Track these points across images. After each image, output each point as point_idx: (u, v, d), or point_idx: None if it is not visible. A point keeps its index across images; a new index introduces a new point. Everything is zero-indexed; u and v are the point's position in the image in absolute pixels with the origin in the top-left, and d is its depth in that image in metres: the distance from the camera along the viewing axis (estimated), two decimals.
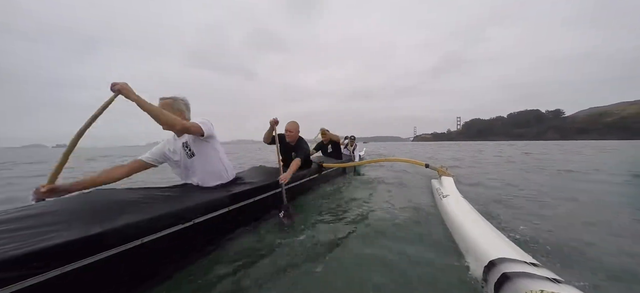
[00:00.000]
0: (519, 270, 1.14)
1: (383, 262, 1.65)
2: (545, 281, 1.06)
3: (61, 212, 1.18)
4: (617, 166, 7.14)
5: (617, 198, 3.43)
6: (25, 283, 0.88)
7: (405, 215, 2.58)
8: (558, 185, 4.32)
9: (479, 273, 1.36)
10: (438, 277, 1.49)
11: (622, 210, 2.85)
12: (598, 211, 2.83)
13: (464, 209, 2.21)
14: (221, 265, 1.56)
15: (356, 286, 1.40)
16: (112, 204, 1.31)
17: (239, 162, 10.12)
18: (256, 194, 2.16)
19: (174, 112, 1.76)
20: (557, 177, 5.30)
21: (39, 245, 0.94)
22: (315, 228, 2.20)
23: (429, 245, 1.89)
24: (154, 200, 1.48)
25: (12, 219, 1.10)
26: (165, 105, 1.75)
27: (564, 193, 3.64)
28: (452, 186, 3.07)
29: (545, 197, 3.40)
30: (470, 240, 1.64)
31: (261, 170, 2.85)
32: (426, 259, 1.69)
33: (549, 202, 3.18)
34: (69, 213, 1.17)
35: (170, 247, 1.46)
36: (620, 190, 3.96)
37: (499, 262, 1.25)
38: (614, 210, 2.84)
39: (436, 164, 4.04)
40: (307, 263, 1.62)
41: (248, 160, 11.40)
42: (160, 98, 1.80)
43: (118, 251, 1.16)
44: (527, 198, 3.35)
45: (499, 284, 1.15)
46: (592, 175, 5.43)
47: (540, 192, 3.72)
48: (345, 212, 2.74)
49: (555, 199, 3.31)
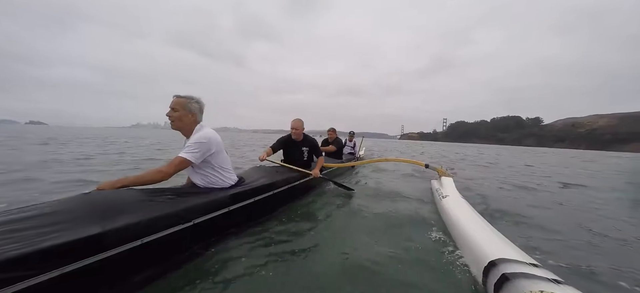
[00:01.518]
0: (518, 270, 1.14)
1: (383, 261, 1.65)
2: (545, 281, 1.06)
3: (61, 212, 1.18)
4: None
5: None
6: (25, 283, 0.88)
7: (405, 215, 2.59)
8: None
9: (479, 273, 1.36)
10: (438, 276, 1.49)
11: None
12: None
13: (464, 209, 2.22)
14: (221, 265, 1.56)
15: (356, 285, 1.40)
16: (112, 204, 1.31)
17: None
18: (256, 194, 2.16)
19: (186, 113, 1.75)
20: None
21: (39, 245, 0.94)
22: (316, 229, 2.19)
23: (428, 245, 1.89)
24: (154, 200, 1.48)
25: (12, 219, 1.10)
26: (178, 104, 1.73)
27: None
28: (451, 186, 3.07)
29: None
30: (470, 241, 1.64)
31: (261, 170, 2.85)
32: (426, 259, 1.69)
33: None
34: (69, 213, 1.17)
35: (170, 247, 1.46)
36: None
37: (498, 263, 1.25)
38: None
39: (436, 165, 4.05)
40: (308, 263, 1.62)
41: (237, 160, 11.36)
42: (175, 95, 1.76)
43: (118, 251, 1.16)
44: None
45: (499, 284, 1.15)
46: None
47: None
48: (345, 212, 2.74)
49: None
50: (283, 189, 2.56)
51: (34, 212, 1.17)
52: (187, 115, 1.76)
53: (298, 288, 1.39)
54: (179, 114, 1.74)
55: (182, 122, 1.76)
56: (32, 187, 3.33)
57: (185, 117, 1.76)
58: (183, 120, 1.76)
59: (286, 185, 2.62)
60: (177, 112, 1.73)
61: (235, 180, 2.04)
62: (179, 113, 1.74)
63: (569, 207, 3.11)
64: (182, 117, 1.75)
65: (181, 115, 1.74)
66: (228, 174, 1.97)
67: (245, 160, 7.56)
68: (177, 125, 1.76)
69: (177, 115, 1.74)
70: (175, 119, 1.74)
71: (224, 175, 1.93)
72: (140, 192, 1.52)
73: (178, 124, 1.76)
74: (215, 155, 1.85)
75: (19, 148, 8.34)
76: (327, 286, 1.40)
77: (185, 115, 1.76)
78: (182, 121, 1.76)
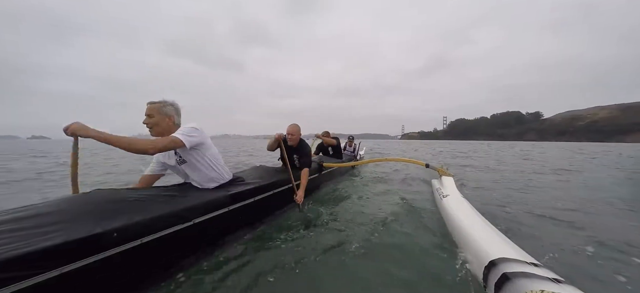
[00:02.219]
0: (519, 270, 1.14)
1: (383, 261, 1.65)
2: (545, 281, 1.05)
3: (61, 212, 1.18)
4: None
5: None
6: (25, 283, 0.88)
7: (405, 215, 2.58)
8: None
9: (479, 273, 1.36)
10: (438, 276, 1.49)
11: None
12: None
13: (464, 209, 2.21)
14: (221, 265, 1.56)
15: (357, 286, 1.40)
16: (112, 204, 1.31)
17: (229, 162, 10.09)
18: (256, 194, 2.16)
19: (162, 117, 1.70)
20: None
21: (39, 245, 0.94)
22: (316, 229, 2.20)
23: (429, 245, 1.89)
24: (154, 200, 1.47)
25: (12, 219, 1.10)
26: (152, 110, 1.68)
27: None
28: (452, 186, 3.07)
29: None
30: (470, 240, 1.63)
31: (261, 170, 2.84)
32: (427, 259, 1.69)
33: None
34: (69, 213, 1.17)
35: (170, 247, 1.46)
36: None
37: (499, 262, 1.24)
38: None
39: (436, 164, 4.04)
40: (308, 263, 1.62)
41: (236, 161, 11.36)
42: (148, 102, 1.71)
43: (118, 251, 1.16)
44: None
45: (500, 284, 1.15)
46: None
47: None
48: (345, 211, 2.74)
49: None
50: (283, 189, 2.56)
51: (34, 212, 1.17)
52: (164, 119, 1.70)
53: (298, 288, 1.39)
54: (155, 120, 1.68)
55: (160, 127, 1.70)
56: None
57: (162, 122, 1.70)
58: (161, 125, 1.70)
59: (286, 185, 2.62)
60: (153, 117, 1.68)
61: (231, 176, 2.06)
62: (155, 118, 1.68)
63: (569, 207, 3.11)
64: (159, 122, 1.69)
65: (158, 120, 1.69)
66: (222, 169, 1.98)
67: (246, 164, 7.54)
68: (157, 131, 1.70)
69: (153, 121, 1.68)
70: (152, 125, 1.68)
71: (219, 170, 1.93)
72: (140, 192, 1.52)
73: (157, 130, 1.70)
74: (209, 148, 1.83)
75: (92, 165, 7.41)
76: (327, 285, 1.40)
77: (162, 119, 1.70)
78: (160, 126, 1.70)
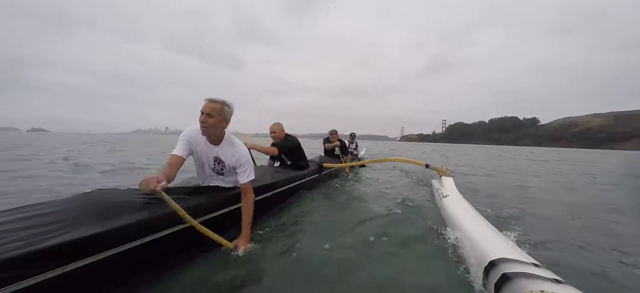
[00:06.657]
0: (519, 270, 1.14)
1: (383, 261, 1.65)
2: (545, 281, 1.05)
3: (61, 212, 1.17)
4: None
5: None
6: (25, 283, 0.88)
7: (405, 215, 2.58)
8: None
9: (479, 273, 1.36)
10: (438, 276, 1.49)
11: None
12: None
13: (464, 209, 2.21)
14: (222, 265, 1.56)
15: (357, 285, 1.40)
16: (112, 204, 1.31)
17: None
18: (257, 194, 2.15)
19: (221, 120, 1.65)
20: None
21: (41, 245, 0.94)
22: (316, 228, 2.20)
23: (429, 245, 1.89)
24: (154, 200, 1.47)
25: (12, 219, 1.10)
26: (214, 110, 1.62)
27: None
28: (452, 186, 3.07)
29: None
30: (470, 240, 1.63)
31: (262, 170, 2.85)
32: (426, 259, 1.69)
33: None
34: (69, 213, 1.17)
35: (171, 247, 1.46)
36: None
37: (499, 262, 1.24)
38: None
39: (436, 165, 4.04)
40: (308, 262, 1.62)
41: None
42: (208, 99, 1.64)
43: (118, 251, 1.16)
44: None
45: (500, 284, 1.15)
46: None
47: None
48: (345, 211, 2.74)
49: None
50: (283, 189, 2.56)
51: (36, 212, 1.17)
52: (221, 122, 1.66)
53: (298, 288, 1.39)
54: (214, 121, 1.62)
55: (215, 129, 1.66)
56: None
57: (219, 125, 1.66)
58: (217, 128, 1.66)
59: (286, 185, 2.62)
60: (213, 118, 1.62)
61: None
62: (215, 120, 1.62)
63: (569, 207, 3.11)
64: (216, 124, 1.64)
65: (216, 123, 1.63)
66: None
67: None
68: (210, 131, 1.65)
69: (212, 122, 1.61)
70: (210, 125, 1.62)
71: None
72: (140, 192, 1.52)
73: (211, 131, 1.65)
74: None
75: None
76: (326, 285, 1.40)
77: (219, 122, 1.65)
78: (216, 128, 1.66)
